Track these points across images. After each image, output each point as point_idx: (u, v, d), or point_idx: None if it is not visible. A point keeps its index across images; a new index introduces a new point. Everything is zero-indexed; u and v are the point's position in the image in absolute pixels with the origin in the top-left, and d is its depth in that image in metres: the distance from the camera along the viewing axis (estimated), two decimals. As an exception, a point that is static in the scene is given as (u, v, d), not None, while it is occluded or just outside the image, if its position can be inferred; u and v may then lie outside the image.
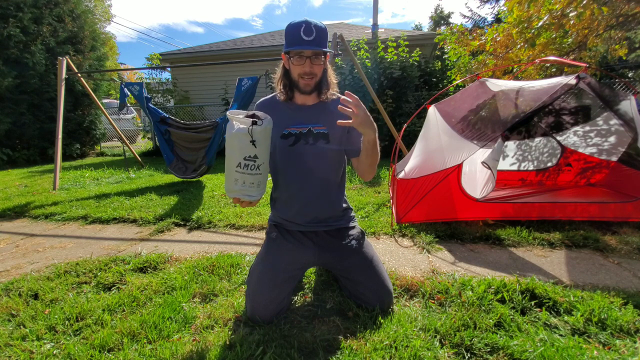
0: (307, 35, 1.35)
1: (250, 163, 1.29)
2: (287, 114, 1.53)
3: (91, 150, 9.29)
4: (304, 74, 1.42)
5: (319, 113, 1.53)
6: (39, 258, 2.34)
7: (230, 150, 1.30)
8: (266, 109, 1.51)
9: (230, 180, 1.32)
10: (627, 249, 2.23)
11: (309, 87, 1.45)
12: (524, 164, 3.61)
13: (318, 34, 1.37)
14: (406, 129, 3.73)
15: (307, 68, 1.41)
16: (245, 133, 1.25)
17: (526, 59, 4.49)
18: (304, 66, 1.41)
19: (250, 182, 1.32)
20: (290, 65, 1.45)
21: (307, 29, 1.35)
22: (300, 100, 1.54)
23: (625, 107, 2.77)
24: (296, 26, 1.37)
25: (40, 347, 1.33)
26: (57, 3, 7.72)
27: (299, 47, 1.36)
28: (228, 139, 1.30)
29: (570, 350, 1.22)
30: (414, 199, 2.57)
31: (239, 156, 1.28)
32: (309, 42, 1.36)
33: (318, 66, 1.43)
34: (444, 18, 26.03)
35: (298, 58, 1.40)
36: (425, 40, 8.65)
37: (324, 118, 1.52)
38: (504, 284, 1.65)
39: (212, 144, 4.22)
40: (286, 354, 1.24)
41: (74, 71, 5.07)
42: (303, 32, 1.35)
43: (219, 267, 1.97)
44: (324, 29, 1.40)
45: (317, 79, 1.46)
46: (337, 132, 1.53)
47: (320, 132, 1.51)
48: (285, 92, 1.52)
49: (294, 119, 1.52)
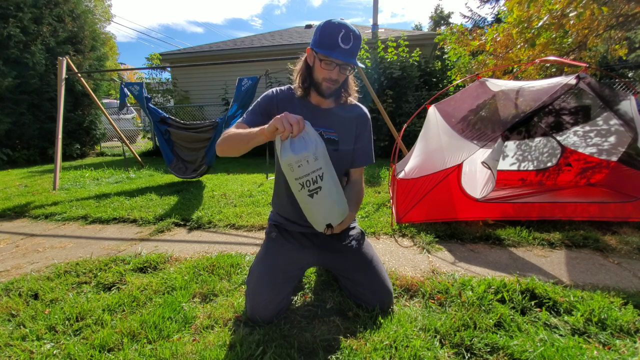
0: (345, 43, 1.28)
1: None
2: (301, 110, 1.47)
3: (91, 150, 9.29)
4: (329, 79, 1.37)
5: (332, 118, 1.50)
6: (39, 258, 2.34)
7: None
8: (283, 102, 1.48)
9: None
10: (627, 249, 2.23)
11: (329, 90, 1.41)
12: (524, 164, 3.61)
13: (355, 43, 1.31)
14: (406, 129, 3.73)
15: (334, 75, 1.36)
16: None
17: (526, 59, 4.49)
18: (331, 72, 1.35)
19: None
20: (316, 65, 1.38)
21: (346, 37, 1.28)
22: (315, 101, 1.50)
23: (625, 107, 2.77)
24: (335, 28, 1.28)
25: (40, 347, 1.33)
26: (57, 3, 7.71)
27: (337, 56, 1.29)
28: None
29: (570, 350, 1.22)
30: (414, 199, 2.57)
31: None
32: (345, 51, 1.29)
33: (344, 75, 1.40)
34: (444, 18, 26.02)
35: (327, 63, 1.34)
36: (425, 40, 8.65)
37: (337, 124, 1.50)
38: (504, 284, 1.65)
39: (212, 144, 4.23)
40: (286, 354, 1.24)
41: (74, 71, 5.07)
42: (342, 38, 1.27)
43: (219, 267, 1.97)
44: (360, 37, 1.34)
45: (338, 85, 1.43)
46: (347, 141, 1.51)
47: (330, 138, 1.49)
48: (303, 88, 1.46)
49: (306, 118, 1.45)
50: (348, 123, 1.52)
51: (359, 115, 1.56)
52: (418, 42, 8.36)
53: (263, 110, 1.48)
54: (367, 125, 1.59)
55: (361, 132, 1.56)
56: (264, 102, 1.49)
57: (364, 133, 1.57)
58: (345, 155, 1.54)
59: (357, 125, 1.55)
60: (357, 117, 1.55)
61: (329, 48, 1.29)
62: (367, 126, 1.58)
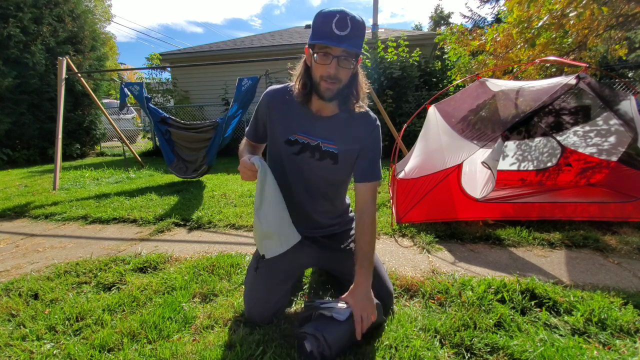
0: (340, 30, 1.07)
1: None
2: (299, 118, 1.33)
3: (91, 150, 9.30)
4: (327, 76, 1.16)
5: (334, 127, 1.32)
6: (39, 258, 2.34)
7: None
8: (277, 102, 1.35)
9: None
10: (627, 249, 2.23)
11: (329, 92, 1.19)
12: (524, 164, 3.61)
13: (354, 29, 1.09)
14: (406, 129, 3.73)
15: (332, 70, 1.14)
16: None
17: (526, 59, 4.49)
18: (329, 67, 1.14)
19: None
20: (312, 60, 1.18)
21: (341, 21, 1.07)
22: (316, 107, 1.31)
23: (625, 107, 2.76)
24: (328, 15, 1.09)
25: (40, 347, 1.33)
26: (57, 3, 7.72)
27: (327, 41, 1.08)
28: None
29: (570, 350, 1.22)
30: (414, 199, 2.57)
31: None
32: (341, 37, 1.08)
33: (346, 70, 1.17)
34: (444, 18, 26.02)
35: (323, 56, 1.13)
36: (425, 40, 8.66)
37: (338, 134, 1.32)
38: (504, 284, 1.65)
39: (213, 144, 4.23)
40: (286, 354, 1.24)
41: (74, 71, 5.07)
42: (336, 24, 1.07)
43: (219, 267, 1.97)
44: (362, 23, 1.11)
45: (340, 85, 1.19)
46: (349, 155, 1.36)
47: (329, 151, 1.33)
48: (303, 93, 1.27)
49: (304, 127, 1.33)
50: (352, 134, 1.33)
51: (367, 126, 1.34)
52: (418, 42, 8.36)
53: (259, 120, 1.46)
54: (376, 137, 1.37)
55: (366, 145, 1.36)
56: (259, 112, 1.44)
57: (369, 146, 1.36)
58: (344, 170, 1.41)
59: (363, 138, 1.35)
60: (365, 127, 1.34)
61: (322, 36, 1.10)
62: (375, 139, 1.36)
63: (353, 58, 1.16)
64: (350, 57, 1.15)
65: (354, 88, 1.26)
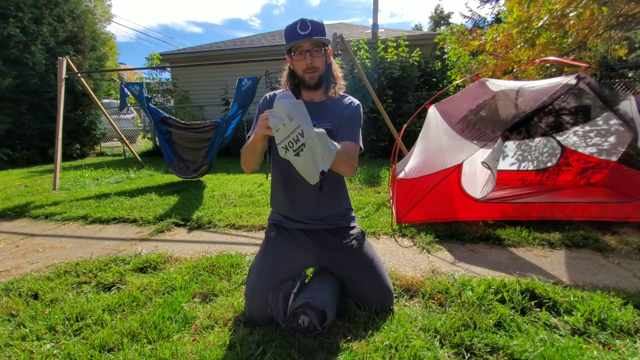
0: (303, 30, 1.40)
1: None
2: None
3: (91, 150, 9.30)
4: (307, 68, 1.45)
5: (325, 110, 1.55)
6: (39, 258, 2.34)
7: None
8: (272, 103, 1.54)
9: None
10: (627, 249, 2.23)
11: (313, 80, 1.48)
12: (524, 164, 3.61)
13: (314, 28, 1.41)
14: (406, 129, 3.73)
15: (308, 61, 1.44)
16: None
17: (526, 59, 4.49)
18: (305, 60, 1.44)
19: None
20: (293, 63, 1.50)
21: (303, 25, 1.41)
22: (307, 97, 1.56)
23: (625, 107, 2.76)
24: (292, 24, 1.43)
25: (40, 347, 1.33)
26: (57, 3, 7.72)
27: (296, 40, 1.41)
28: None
29: (570, 350, 1.22)
30: (414, 199, 2.57)
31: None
32: (306, 35, 1.40)
33: (319, 58, 1.46)
34: (444, 18, 26.01)
35: (298, 54, 1.44)
36: (425, 40, 8.65)
37: (330, 114, 1.55)
38: (504, 284, 1.65)
39: (213, 144, 4.23)
40: (286, 354, 1.24)
41: (74, 71, 5.07)
42: (299, 28, 1.41)
43: (219, 267, 1.97)
44: (320, 23, 1.43)
45: (320, 72, 1.48)
46: (340, 129, 1.55)
47: (325, 129, 1.49)
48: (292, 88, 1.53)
49: None
50: (340, 112, 1.57)
51: (349, 104, 1.61)
52: (418, 42, 8.35)
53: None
54: (356, 110, 1.60)
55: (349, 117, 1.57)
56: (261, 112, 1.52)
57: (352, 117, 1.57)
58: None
59: (347, 111, 1.59)
60: (348, 105, 1.60)
61: (292, 39, 1.42)
62: (355, 111, 1.59)
63: (321, 48, 1.46)
64: (318, 47, 1.45)
65: (331, 75, 1.55)
